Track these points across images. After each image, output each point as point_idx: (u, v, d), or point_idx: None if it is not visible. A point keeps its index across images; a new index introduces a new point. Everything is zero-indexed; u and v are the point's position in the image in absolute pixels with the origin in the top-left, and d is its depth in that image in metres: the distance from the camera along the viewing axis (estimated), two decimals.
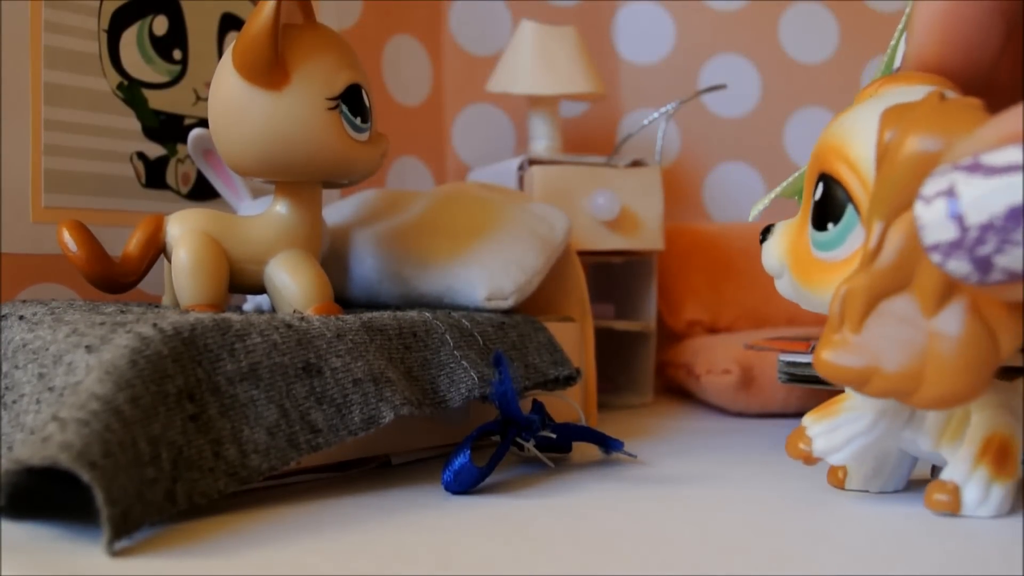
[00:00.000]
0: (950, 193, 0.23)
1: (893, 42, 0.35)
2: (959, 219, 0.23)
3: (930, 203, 0.24)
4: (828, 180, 0.28)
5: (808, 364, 0.39)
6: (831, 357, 0.27)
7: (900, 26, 0.34)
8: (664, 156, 0.71)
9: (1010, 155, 0.22)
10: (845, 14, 0.73)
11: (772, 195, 0.37)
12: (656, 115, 0.59)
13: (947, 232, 0.23)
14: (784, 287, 0.31)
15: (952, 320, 0.25)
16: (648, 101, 0.72)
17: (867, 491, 0.31)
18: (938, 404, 0.25)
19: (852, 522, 0.28)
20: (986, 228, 0.23)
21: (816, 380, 0.39)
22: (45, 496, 0.27)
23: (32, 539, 0.25)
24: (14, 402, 0.30)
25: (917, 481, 0.32)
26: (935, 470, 0.33)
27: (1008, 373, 0.29)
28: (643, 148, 0.65)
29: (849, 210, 0.28)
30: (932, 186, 0.24)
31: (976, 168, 0.23)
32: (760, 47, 0.73)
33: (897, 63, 0.34)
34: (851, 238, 0.28)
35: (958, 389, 0.25)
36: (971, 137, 0.24)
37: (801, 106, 0.73)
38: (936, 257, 0.24)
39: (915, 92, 0.28)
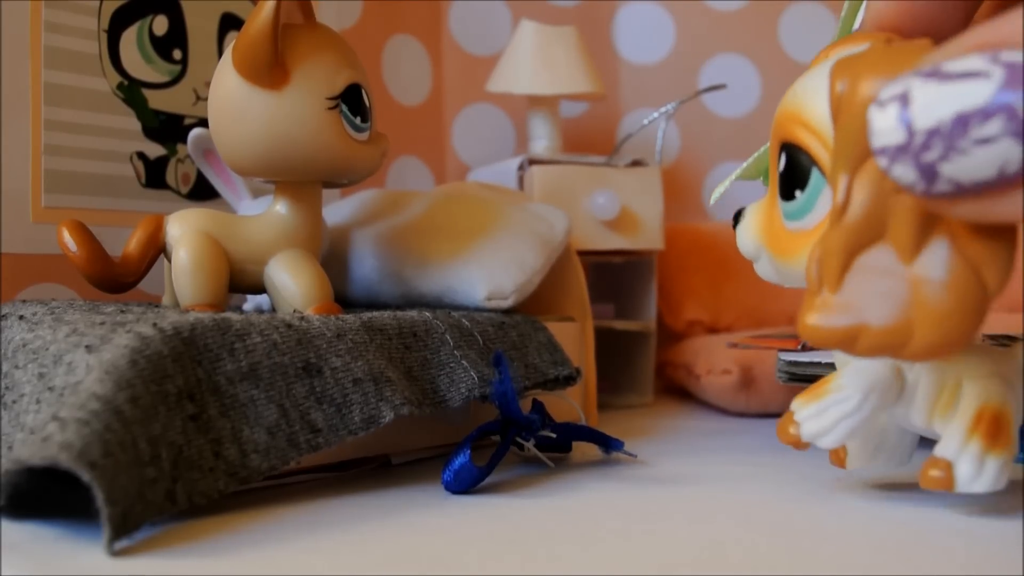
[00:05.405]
0: (903, 98, 0.22)
1: (843, 12, 0.34)
2: (908, 124, 0.22)
3: (884, 107, 0.23)
4: (790, 148, 0.27)
5: (808, 363, 0.39)
6: (815, 320, 0.25)
7: None
8: (664, 156, 0.71)
9: (972, 63, 0.21)
10: None
11: (732, 178, 0.36)
12: (656, 115, 0.59)
13: (895, 136, 0.22)
14: (763, 268, 0.30)
15: (933, 263, 0.24)
16: (648, 101, 0.72)
17: (870, 467, 0.31)
18: (932, 353, 0.24)
19: (853, 521, 0.28)
20: (932, 133, 0.22)
21: (817, 380, 0.39)
22: (45, 496, 0.27)
23: (32, 539, 0.25)
24: (14, 402, 0.30)
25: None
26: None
27: (1004, 340, 0.28)
28: (643, 148, 0.65)
29: (815, 173, 0.27)
30: (888, 91, 0.23)
31: (934, 74, 0.22)
32: (760, 47, 0.73)
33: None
34: (820, 202, 0.27)
35: (950, 334, 0.24)
36: (944, 46, 0.23)
37: None
38: (883, 162, 0.23)
39: (864, 47, 0.27)
